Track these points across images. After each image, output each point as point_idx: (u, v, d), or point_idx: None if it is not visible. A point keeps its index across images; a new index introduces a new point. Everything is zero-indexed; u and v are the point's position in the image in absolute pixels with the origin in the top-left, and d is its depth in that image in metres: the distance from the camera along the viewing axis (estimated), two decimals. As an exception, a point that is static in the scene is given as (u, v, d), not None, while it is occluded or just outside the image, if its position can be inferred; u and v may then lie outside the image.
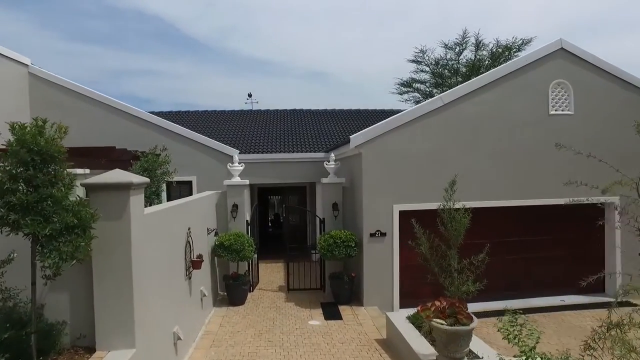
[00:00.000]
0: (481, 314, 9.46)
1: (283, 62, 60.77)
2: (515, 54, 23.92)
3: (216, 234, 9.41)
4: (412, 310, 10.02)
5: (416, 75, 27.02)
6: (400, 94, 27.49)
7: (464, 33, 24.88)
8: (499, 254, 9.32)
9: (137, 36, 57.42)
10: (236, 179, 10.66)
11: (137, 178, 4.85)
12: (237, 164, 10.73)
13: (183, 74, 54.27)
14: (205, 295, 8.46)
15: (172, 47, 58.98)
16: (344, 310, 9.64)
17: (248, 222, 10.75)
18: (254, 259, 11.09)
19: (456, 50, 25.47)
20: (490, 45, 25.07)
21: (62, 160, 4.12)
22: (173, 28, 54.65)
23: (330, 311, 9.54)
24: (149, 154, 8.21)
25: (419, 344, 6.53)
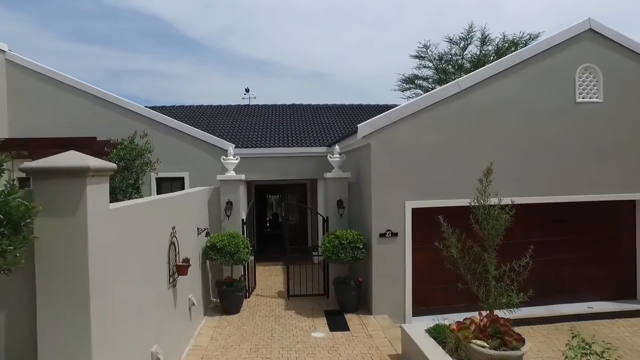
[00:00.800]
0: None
1: (282, 63, 59.79)
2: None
3: (207, 234, 8.30)
4: (426, 319, 8.97)
5: (419, 72, 25.97)
6: (402, 91, 26.44)
7: (470, 27, 23.83)
8: (520, 256, 8.28)
9: (136, 36, 56.42)
10: (231, 174, 9.56)
11: (97, 162, 3.73)
12: (232, 157, 9.63)
13: (182, 74, 53.25)
14: (194, 304, 7.34)
15: (172, 48, 57.98)
16: (351, 319, 8.53)
17: (244, 221, 9.64)
18: (250, 261, 9.99)
19: (461, 45, 24.42)
20: (497, 40, 24.05)
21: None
22: (172, 28, 53.66)
23: (336, 321, 8.44)
24: (126, 141, 7.08)
25: (445, 366, 5.43)
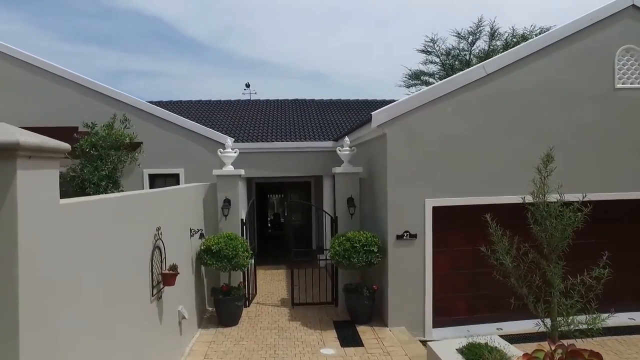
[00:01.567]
0: (534, 337, 7.33)
1: (282, 63, 58.71)
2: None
3: (202, 235, 7.22)
4: (448, 331, 7.91)
5: (425, 67, 24.88)
6: (408, 87, 25.33)
7: (479, 21, 22.73)
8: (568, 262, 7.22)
9: (137, 37, 55.45)
10: (229, 168, 8.46)
11: (35, 138, 2.65)
12: (230, 150, 8.54)
13: (183, 74, 52.24)
14: (185, 317, 6.25)
15: (172, 48, 57.00)
16: (364, 332, 7.44)
17: (243, 222, 8.55)
18: (250, 265, 8.91)
19: (469, 39, 23.33)
20: (506, 35, 22.96)
21: None
22: (172, 29, 52.67)
23: (347, 334, 7.35)
24: (98, 126, 5.96)
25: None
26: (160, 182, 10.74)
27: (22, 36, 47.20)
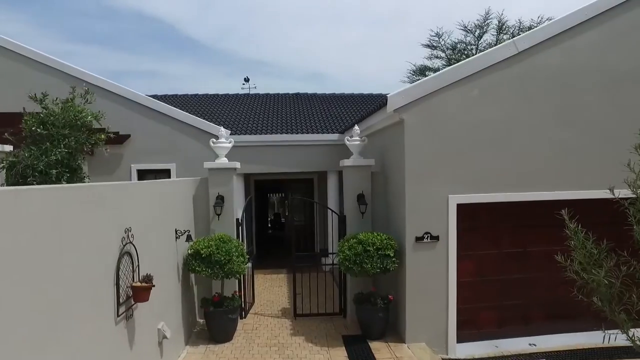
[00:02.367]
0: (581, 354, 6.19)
1: (282, 63, 57.67)
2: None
3: (189, 238, 6.08)
4: (474, 346, 6.78)
5: (430, 62, 23.77)
6: (412, 82, 24.19)
7: (486, 14, 21.62)
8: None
9: (137, 37, 54.48)
10: (222, 161, 7.32)
11: None
12: (224, 140, 7.39)
13: (183, 74, 51.22)
14: (167, 336, 5.11)
15: (172, 48, 56.01)
16: (379, 350, 6.30)
17: (239, 222, 7.41)
18: (247, 269, 7.78)
19: (476, 33, 22.22)
20: (513, 29, 21.84)
21: None
22: (173, 29, 51.69)
23: (359, 352, 6.21)
24: (48, 98, 4.79)
25: None
26: (150, 178, 9.63)
27: (24, 36, 46.32)
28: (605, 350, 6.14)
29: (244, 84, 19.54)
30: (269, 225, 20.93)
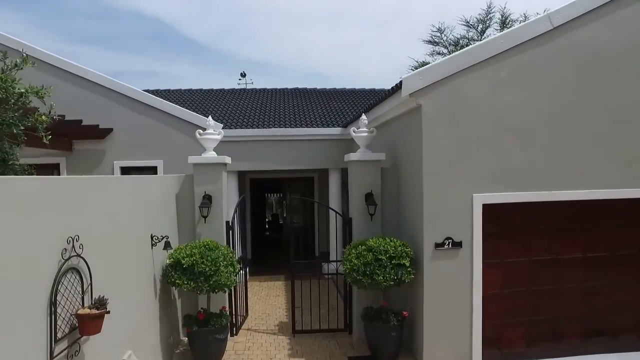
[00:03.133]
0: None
1: (281, 64, 56.56)
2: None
3: (167, 245, 5.03)
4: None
5: (432, 59, 22.71)
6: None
7: (488, 8, 20.62)
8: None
9: (136, 37, 53.48)
10: (210, 155, 6.27)
11: None
12: (213, 131, 6.34)
13: (182, 75, 50.12)
14: (134, 369, 4.07)
15: (171, 49, 55.00)
16: (393, 376, 5.27)
17: (229, 225, 6.36)
18: (241, 275, 6.75)
19: (479, 28, 21.20)
20: (518, 23, 20.84)
21: None
22: (172, 29, 50.66)
23: (370, 380, 5.18)
24: None
25: None
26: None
27: (23, 36, 44.99)
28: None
29: (240, 79, 18.42)
30: (267, 226, 19.87)
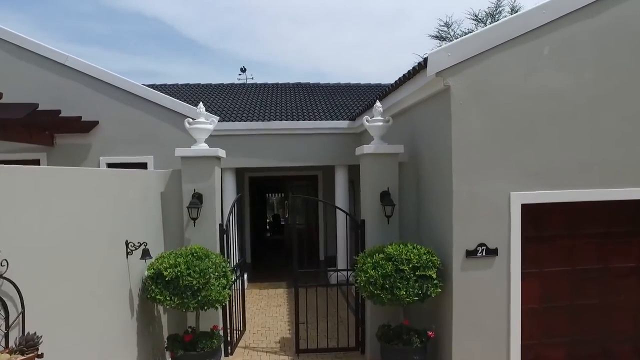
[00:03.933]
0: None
1: (281, 64, 55.78)
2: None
3: (146, 253, 4.12)
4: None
5: (438, 55, 21.81)
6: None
7: (498, 1, 19.69)
8: None
9: (136, 37, 52.74)
10: (200, 147, 5.36)
11: None
12: (204, 120, 5.43)
13: (182, 75, 49.45)
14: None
15: (171, 49, 54.27)
16: (417, 411, 4.34)
17: (223, 228, 5.44)
18: (237, 286, 5.84)
19: (488, 22, 20.28)
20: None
21: None
22: (172, 29, 49.91)
23: (390, 416, 4.25)
24: None
25: None
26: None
27: (23, 37, 44.47)
28: None
29: (240, 74, 17.48)
30: (267, 227, 18.97)
